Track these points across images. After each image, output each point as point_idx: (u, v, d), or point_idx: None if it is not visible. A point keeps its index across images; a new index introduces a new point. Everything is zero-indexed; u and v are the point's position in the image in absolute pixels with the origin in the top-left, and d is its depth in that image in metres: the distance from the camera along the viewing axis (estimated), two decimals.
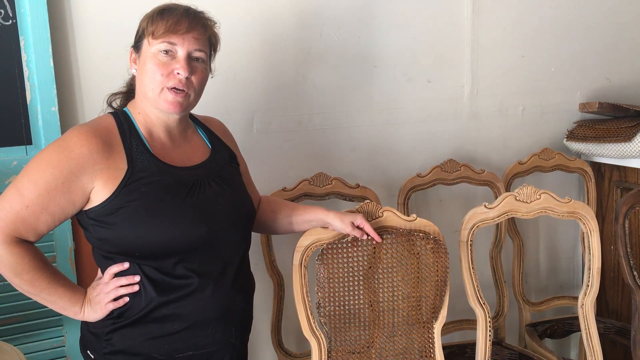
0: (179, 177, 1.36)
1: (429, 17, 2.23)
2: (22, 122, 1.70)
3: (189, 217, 1.34)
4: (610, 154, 2.32)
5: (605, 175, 2.47)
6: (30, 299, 1.35)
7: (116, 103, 1.49)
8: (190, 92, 1.37)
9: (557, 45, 2.46)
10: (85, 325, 1.42)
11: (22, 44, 1.68)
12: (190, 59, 1.35)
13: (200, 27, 1.36)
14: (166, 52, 1.33)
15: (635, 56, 2.60)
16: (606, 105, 2.36)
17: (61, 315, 1.70)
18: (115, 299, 1.36)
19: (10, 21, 1.66)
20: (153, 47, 1.33)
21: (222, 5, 1.92)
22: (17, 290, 1.33)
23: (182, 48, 1.33)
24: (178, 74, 1.33)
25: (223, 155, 1.51)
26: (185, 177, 1.37)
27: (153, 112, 1.38)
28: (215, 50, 1.46)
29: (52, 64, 1.70)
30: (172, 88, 1.34)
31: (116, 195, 1.29)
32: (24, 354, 1.68)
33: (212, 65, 1.47)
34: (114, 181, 1.29)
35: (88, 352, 1.41)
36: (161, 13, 1.34)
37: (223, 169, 1.48)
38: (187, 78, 1.34)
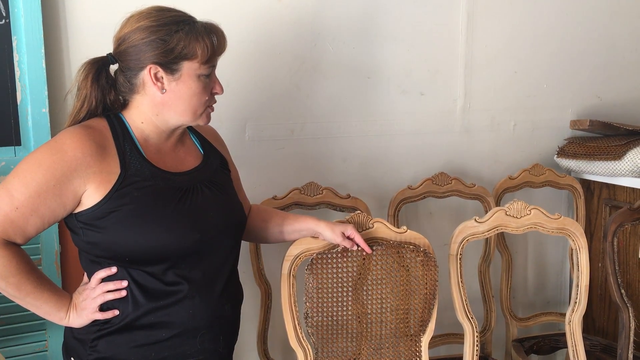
0: (171, 182, 1.35)
1: (423, 31, 2.24)
2: (11, 122, 1.69)
3: (181, 223, 1.33)
4: (600, 171, 2.33)
5: (594, 193, 2.48)
6: (13, 302, 1.32)
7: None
8: None
9: (549, 63, 2.48)
10: (69, 331, 1.40)
11: (14, 44, 1.66)
12: None
13: None
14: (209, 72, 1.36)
15: (627, 75, 2.62)
16: (597, 123, 2.38)
17: (44, 319, 1.68)
18: (104, 309, 1.34)
19: (4, 20, 1.65)
20: (200, 71, 1.33)
21: (216, 12, 1.91)
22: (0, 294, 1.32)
23: (214, 67, 1.38)
24: (216, 92, 1.39)
25: (215, 161, 1.50)
26: (178, 183, 1.36)
27: (172, 123, 1.37)
28: None
29: (44, 65, 1.69)
30: (210, 105, 1.40)
31: (108, 199, 1.28)
32: (5, 358, 1.65)
33: None
34: (106, 185, 1.28)
35: (72, 358, 1.39)
36: (207, 35, 1.33)
37: (215, 175, 1.47)
38: None
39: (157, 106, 1.35)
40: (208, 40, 1.33)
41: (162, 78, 1.32)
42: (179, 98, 1.34)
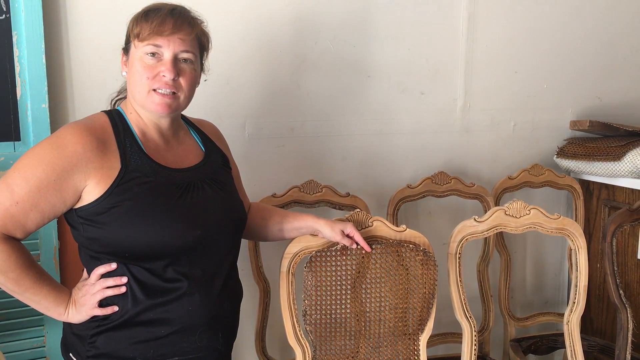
0: (172, 179, 1.35)
1: (424, 30, 2.24)
2: (11, 117, 1.69)
3: (182, 220, 1.32)
4: (600, 172, 2.34)
5: (593, 194, 2.48)
6: (11, 297, 1.32)
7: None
8: (180, 93, 1.35)
9: (549, 63, 2.48)
10: (68, 326, 1.40)
11: (14, 39, 1.66)
12: (176, 60, 1.33)
13: (186, 26, 1.34)
14: (152, 54, 1.32)
15: (627, 76, 2.63)
16: (597, 123, 2.38)
17: (42, 314, 1.67)
18: (103, 305, 1.34)
19: (4, 15, 1.64)
20: (139, 49, 1.32)
21: (217, 9, 1.91)
22: None
23: (167, 50, 1.32)
24: (164, 76, 1.32)
25: (216, 159, 1.50)
26: (178, 179, 1.36)
27: (144, 113, 1.38)
28: (206, 50, 1.44)
29: (44, 60, 1.69)
30: (158, 90, 1.33)
31: (108, 194, 1.27)
32: (3, 353, 1.65)
33: (206, 64, 1.45)
34: (107, 180, 1.28)
35: (70, 354, 1.38)
36: (146, 14, 1.33)
37: (216, 172, 1.46)
38: (174, 79, 1.33)
39: (128, 92, 1.38)
40: (146, 18, 1.32)
41: (126, 62, 1.37)
42: (129, 77, 1.36)
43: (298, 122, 2.11)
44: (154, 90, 1.33)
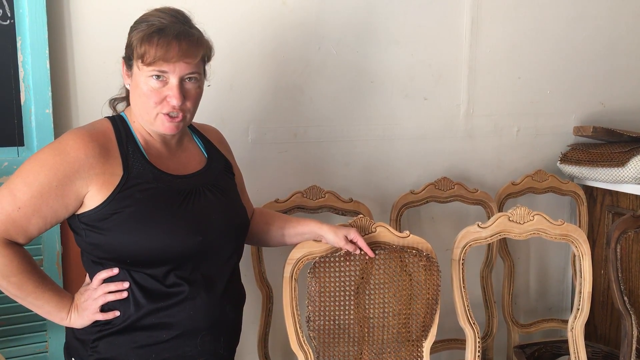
0: (174, 185, 1.35)
1: (427, 35, 2.24)
2: (15, 123, 1.69)
3: (183, 226, 1.32)
4: (603, 178, 2.33)
5: (597, 200, 2.48)
6: (13, 302, 1.32)
7: (122, 106, 1.47)
8: (186, 114, 1.35)
9: (553, 69, 2.47)
10: (71, 331, 1.40)
11: (19, 44, 1.67)
12: (182, 81, 1.32)
13: (192, 50, 1.31)
14: (158, 76, 1.30)
15: (630, 82, 2.62)
16: (600, 129, 2.37)
17: (45, 320, 1.67)
18: (105, 310, 1.34)
19: (8, 21, 1.65)
20: (144, 72, 1.30)
21: (221, 14, 1.92)
22: (0, 294, 1.31)
23: (173, 75, 1.30)
24: (170, 101, 1.31)
25: (219, 164, 1.50)
26: (180, 186, 1.36)
27: (148, 127, 1.37)
28: (209, 59, 1.42)
29: (48, 65, 1.69)
30: (166, 114, 1.32)
31: (110, 200, 1.28)
32: (6, 359, 1.65)
33: (208, 69, 1.42)
34: (109, 187, 1.28)
35: (73, 359, 1.39)
36: (150, 37, 1.28)
37: (218, 178, 1.46)
38: (180, 104, 1.32)
39: (132, 104, 1.37)
40: (152, 43, 1.28)
41: (128, 74, 1.35)
42: (133, 95, 1.35)
43: (301, 128, 2.11)
44: (162, 114, 1.32)
